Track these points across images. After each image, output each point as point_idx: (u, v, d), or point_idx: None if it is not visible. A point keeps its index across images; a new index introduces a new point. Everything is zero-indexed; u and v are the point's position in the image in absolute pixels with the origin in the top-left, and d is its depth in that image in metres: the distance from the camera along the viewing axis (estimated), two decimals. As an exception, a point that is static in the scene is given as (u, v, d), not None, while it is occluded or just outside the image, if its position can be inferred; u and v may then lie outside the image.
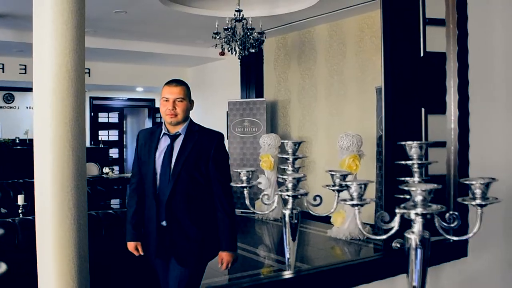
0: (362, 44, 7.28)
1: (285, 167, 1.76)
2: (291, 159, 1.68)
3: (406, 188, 1.29)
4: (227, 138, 8.95)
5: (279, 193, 1.62)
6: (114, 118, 13.38)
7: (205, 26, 7.29)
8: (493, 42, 2.30)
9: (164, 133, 2.59)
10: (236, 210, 8.61)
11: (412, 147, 1.53)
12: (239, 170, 1.69)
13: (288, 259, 1.71)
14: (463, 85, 2.03)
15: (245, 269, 5.46)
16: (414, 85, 2.13)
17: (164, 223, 2.55)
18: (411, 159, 1.54)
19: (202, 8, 7.03)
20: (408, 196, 1.42)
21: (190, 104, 2.64)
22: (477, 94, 2.12)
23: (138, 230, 2.66)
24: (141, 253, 2.66)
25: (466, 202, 1.43)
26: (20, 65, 9.35)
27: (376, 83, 6.63)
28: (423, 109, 2.14)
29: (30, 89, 11.42)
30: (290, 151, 1.67)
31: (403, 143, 1.59)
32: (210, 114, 10.34)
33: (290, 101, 8.60)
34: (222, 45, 6.57)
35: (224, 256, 2.61)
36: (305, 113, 8.33)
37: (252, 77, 9.05)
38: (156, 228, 2.56)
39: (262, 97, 8.80)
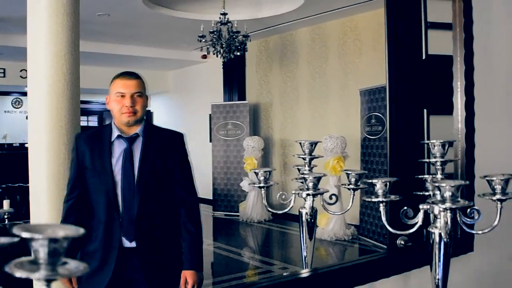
0: (345, 47, 7.38)
1: (299, 167, 1.79)
2: (307, 159, 1.72)
3: (437, 184, 1.35)
4: (210, 141, 8.97)
5: (298, 191, 1.66)
6: (93, 121, 13.27)
7: (189, 29, 7.30)
8: (495, 45, 2.41)
9: (119, 136, 2.15)
10: (220, 212, 8.63)
11: (435, 146, 1.58)
12: (256, 171, 1.72)
13: (305, 257, 1.74)
14: (469, 86, 2.11)
15: (230, 271, 5.49)
16: (417, 87, 2.20)
17: (132, 243, 2.10)
18: (435, 157, 1.60)
19: (186, 11, 7.03)
20: (427, 193, 1.47)
21: (147, 100, 2.22)
22: (481, 95, 2.20)
23: (73, 257, 2.12)
24: (75, 287, 2.12)
25: (486, 197, 1.50)
26: (-2, 68, 9.20)
27: (359, 86, 6.74)
28: (425, 110, 2.21)
29: (8, 93, 11.25)
30: (307, 151, 1.71)
31: (426, 141, 1.65)
32: (192, 117, 10.34)
33: (272, 104, 8.65)
34: (207, 48, 6.60)
35: (190, 276, 2.17)
36: (286, 115, 8.39)
37: (234, 80, 9.09)
38: (118, 252, 2.08)
39: (245, 99, 8.84)
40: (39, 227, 0.65)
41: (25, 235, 0.63)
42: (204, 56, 8.94)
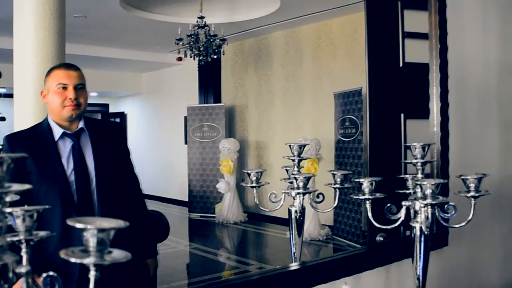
0: (319, 50, 7.54)
1: (288, 168, 1.91)
2: (296, 161, 1.83)
3: (419, 183, 1.49)
4: (186, 143, 9.03)
5: (288, 191, 1.77)
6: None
7: (165, 31, 7.36)
8: (467, 55, 2.60)
9: (64, 133, 2.00)
10: (195, 214, 8.66)
11: (416, 148, 1.73)
12: (248, 171, 1.82)
13: (294, 253, 1.86)
14: (444, 93, 2.28)
15: (207, 272, 5.57)
16: (394, 93, 2.35)
17: None
18: (416, 158, 1.74)
19: (163, 14, 7.09)
20: (407, 191, 1.61)
21: (88, 94, 2.09)
22: (454, 101, 2.38)
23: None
24: None
25: (462, 195, 1.65)
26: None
27: (333, 89, 6.91)
28: (402, 115, 2.36)
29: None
30: (296, 153, 1.83)
31: (408, 144, 1.79)
32: (167, 119, 10.37)
33: (247, 106, 8.76)
34: (185, 51, 6.67)
35: (152, 264, 2.21)
36: (262, 118, 8.51)
37: (210, 82, 9.15)
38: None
39: (220, 102, 8.93)
40: (89, 219, 0.75)
41: (78, 225, 0.72)
42: (180, 59, 8.98)
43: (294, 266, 1.82)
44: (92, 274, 0.75)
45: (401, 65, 2.37)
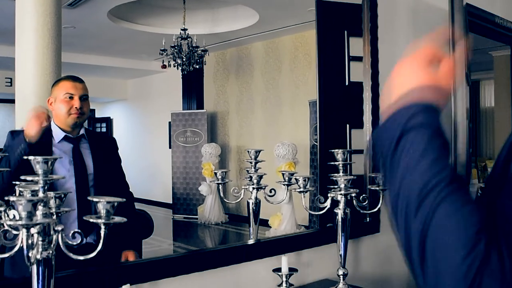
0: (296, 61, 8.00)
1: (247, 169, 2.38)
2: (253, 163, 2.31)
3: (335, 179, 1.97)
4: (170, 148, 9.42)
5: (247, 186, 2.24)
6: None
7: (150, 41, 7.78)
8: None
9: (65, 136, 2.17)
10: (179, 215, 9.04)
11: (338, 153, 2.21)
12: (216, 171, 2.29)
13: (252, 236, 2.34)
14: (375, 109, 2.77)
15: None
16: (341, 107, 2.84)
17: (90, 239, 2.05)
18: (338, 161, 2.23)
19: (148, 25, 7.52)
20: (336, 187, 2.10)
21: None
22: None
23: None
24: None
25: (373, 188, 2.15)
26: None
27: (309, 97, 7.35)
28: (347, 125, 2.85)
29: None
30: (253, 157, 2.30)
31: (332, 150, 2.28)
32: (152, 124, 10.71)
33: (228, 112, 9.17)
34: (168, 61, 7.10)
35: (130, 255, 2.27)
36: (242, 123, 8.93)
37: (193, 90, 9.55)
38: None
39: (203, 108, 9.34)
40: (102, 197, 1.21)
41: (95, 199, 1.18)
42: (164, 66, 9.39)
43: (250, 241, 2.31)
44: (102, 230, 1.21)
45: (347, 83, 2.86)
